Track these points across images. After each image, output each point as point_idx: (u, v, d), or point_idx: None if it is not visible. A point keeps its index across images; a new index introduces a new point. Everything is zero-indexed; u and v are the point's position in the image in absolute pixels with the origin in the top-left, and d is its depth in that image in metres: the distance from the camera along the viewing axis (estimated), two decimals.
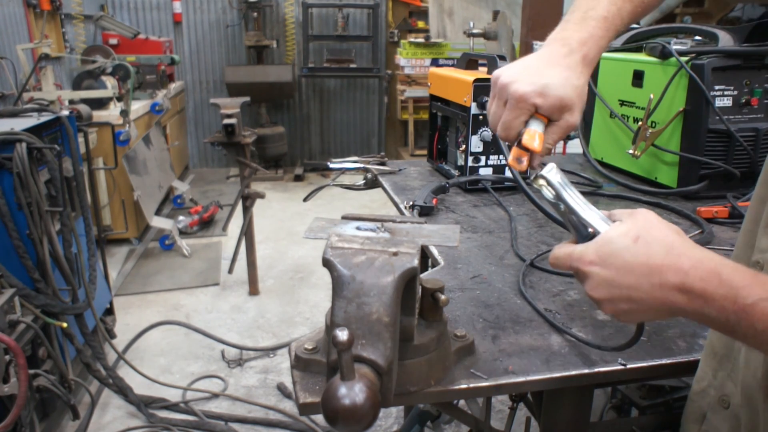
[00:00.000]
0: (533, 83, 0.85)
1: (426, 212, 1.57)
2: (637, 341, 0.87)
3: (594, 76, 1.98)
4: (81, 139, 3.08)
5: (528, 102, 0.85)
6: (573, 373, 0.92)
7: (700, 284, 0.65)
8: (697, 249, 0.68)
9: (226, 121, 3.66)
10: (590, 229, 0.77)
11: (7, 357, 1.87)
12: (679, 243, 0.69)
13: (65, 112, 2.76)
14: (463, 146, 1.78)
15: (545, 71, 0.86)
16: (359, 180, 2.01)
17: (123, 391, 2.80)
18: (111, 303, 3.35)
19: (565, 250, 0.77)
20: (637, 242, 0.69)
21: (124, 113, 4.44)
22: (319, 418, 2.63)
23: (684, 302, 0.66)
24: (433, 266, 1.32)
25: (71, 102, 4.10)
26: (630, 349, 0.97)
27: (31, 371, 2.03)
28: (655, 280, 0.67)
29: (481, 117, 1.72)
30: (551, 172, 0.83)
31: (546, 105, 0.85)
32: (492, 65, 1.76)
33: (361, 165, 1.98)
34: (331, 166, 1.96)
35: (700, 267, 0.65)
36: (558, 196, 0.81)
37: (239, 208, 4.06)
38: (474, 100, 1.69)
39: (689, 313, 0.67)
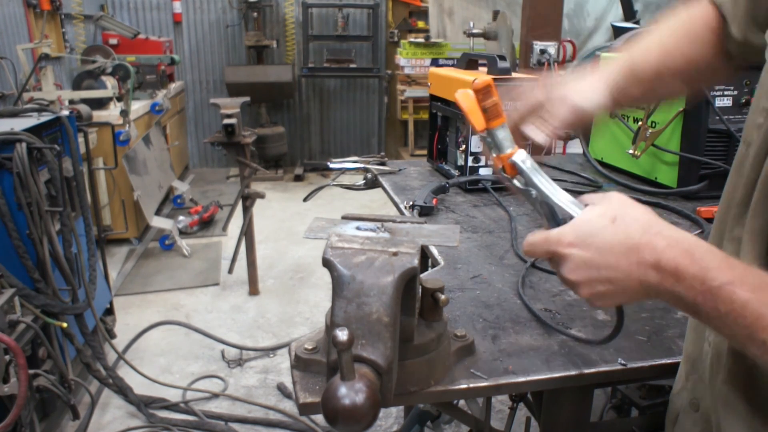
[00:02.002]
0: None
1: (426, 212, 1.57)
2: (619, 332, 0.86)
3: None
4: (81, 139, 3.08)
5: None
6: (573, 373, 0.92)
7: (673, 263, 0.65)
8: (672, 229, 0.69)
9: (226, 121, 3.66)
10: (562, 216, 0.75)
11: (7, 357, 1.87)
12: (655, 222, 0.69)
13: (65, 112, 2.75)
14: (463, 146, 1.78)
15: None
16: (359, 180, 2.01)
17: (123, 391, 2.80)
18: (111, 303, 3.35)
19: (541, 236, 0.75)
20: (614, 222, 0.69)
21: (124, 113, 4.44)
22: (319, 418, 2.63)
23: (657, 280, 0.66)
24: (433, 266, 1.32)
25: (71, 102, 4.10)
26: (630, 349, 0.98)
27: (31, 371, 2.02)
28: (633, 258, 0.67)
29: None
30: (522, 157, 0.80)
31: None
32: (492, 65, 1.76)
33: (361, 165, 1.98)
34: (331, 166, 1.96)
35: (675, 246, 0.66)
36: (529, 182, 0.79)
37: (239, 208, 4.06)
38: None
39: (662, 292, 0.67)
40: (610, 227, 0.69)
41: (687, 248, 0.66)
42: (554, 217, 0.77)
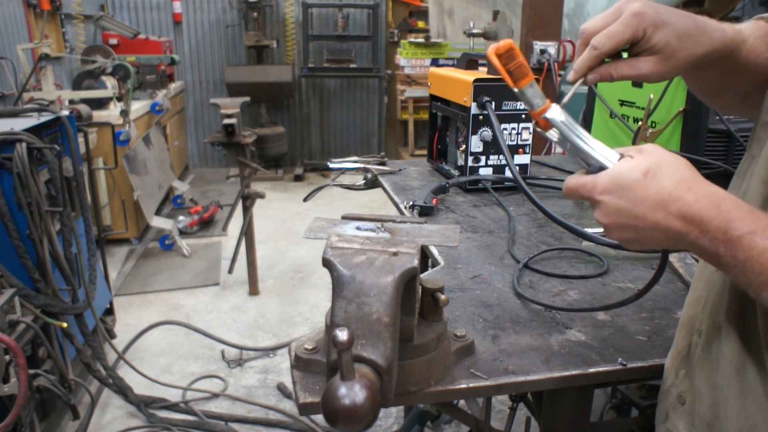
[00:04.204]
0: None
1: (426, 212, 1.57)
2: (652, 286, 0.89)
3: None
4: (81, 139, 3.08)
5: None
6: (573, 373, 0.92)
7: (699, 216, 0.69)
8: (705, 184, 0.72)
9: (226, 121, 3.66)
10: (598, 167, 0.78)
11: (7, 357, 1.87)
12: (688, 177, 0.72)
13: (65, 112, 2.75)
14: (463, 146, 1.78)
15: None
16: (359, 180, 2.01)
17: (123, 391, 2.80)
18: (111, 303, 3.35)
19: (578, 181, 0.78)
20: (646, 176, 0.72)
21: (124, 113, 4.44)
22: (319, 418, 2.63)
23: (683, 232, 0.69)
24: (433, 266, 1.32)
25: (71, 102, 4.10)
26: (630, 349, 0.98)
27: (31, 371, 2.02)
28: (660, 212, 0.70)
29: (481, 117, 1.72)
30: (555, 113, 0.82)
31: None
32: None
33: (361, 165, 1.98)
34: (331, 166, 1.96)
35: (703, 200, 0.69)
36: (563, 137, 0.82)
37: (239, 208, 4.06)
38: (474, 100, 1.69)
39: (687, 243, 0.70)
40: (642, 181, 0.72)
41: (714, 201, 0.69)
42: (591, 167, 0.80)
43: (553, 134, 0.83)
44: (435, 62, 6.62)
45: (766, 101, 0.82)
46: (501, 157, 1.78)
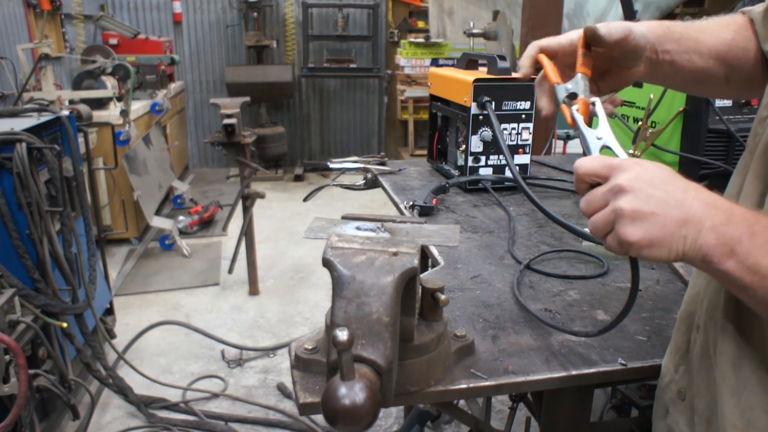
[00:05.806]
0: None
1: (426, 212, 1.57)
2: (625, 316, 0.87)
3: None
4: (81, 139, 3.08)
5: None
6: (573, 373, 0.92)
7: (727, 204, 0.68)
8: None
9: (226, 121, 3.66)
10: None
11: (7, 357, 1.87)
12: None
13: (65, 112, 2.75)
14: (463, 146, 1.78)
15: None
16: (359, 180, 2.01)
17: (123, 391, 2.80)
18: (111, 303, 3.35)
19: (601, 156, 0.76)
20: (674, 173, 0.72)
21: (124, 113, 4.44)
22: (319, 418, 2.63)
23: (705, 215, 0.67)
24: (433, 266, 1.32)
25: (71, 102, 4.10)
26: (630, 349, 0.97)
27: (31, 371, 2.02)
28: (690, 192, 0.69)
29: (481, 117, 1.72)
30: (600, 103, 0.86)
31: None
32: (492, 65, 1.76)
33: (361, 165, 1.98)
34: (331, 166, 1.96)
35: (725, 200, 0.70)
36: (602, 127, 0.84)
37: (239, 208, 4.06)
38: (474, 100, 1.69)
39: (704, 231, 0.67)
40: (671, 171, 0.72)
41: (733, 204, 0.69)
42: None
43: (587, 131, 0.85)
44: (435, 62, 6.62)
45: (766, 96, 0.82)
46: (501, 157, 1.78)
